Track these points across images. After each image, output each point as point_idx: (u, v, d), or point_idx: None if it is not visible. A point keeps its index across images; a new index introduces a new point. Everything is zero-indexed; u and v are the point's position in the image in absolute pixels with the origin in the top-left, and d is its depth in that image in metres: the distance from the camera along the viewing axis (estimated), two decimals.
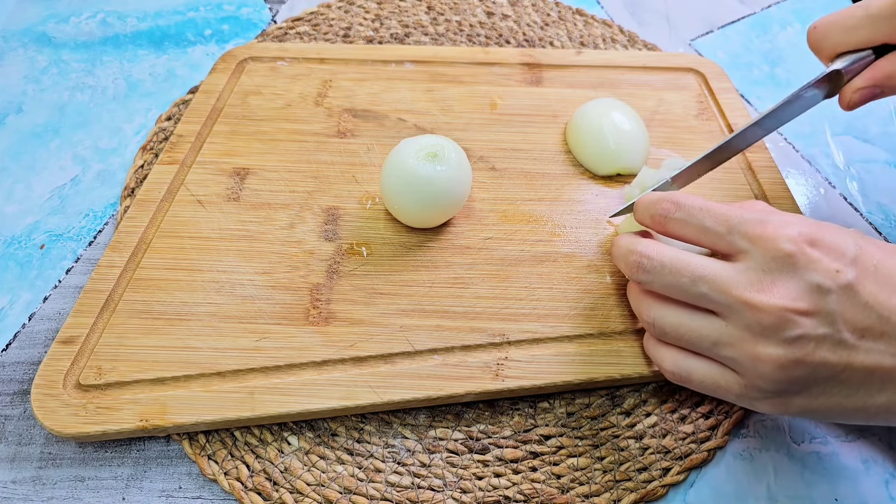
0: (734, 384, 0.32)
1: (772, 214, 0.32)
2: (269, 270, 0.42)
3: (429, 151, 0.41)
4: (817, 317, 0.29)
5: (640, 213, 0.36)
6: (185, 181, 0.47)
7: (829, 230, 0.31)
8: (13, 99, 0.55)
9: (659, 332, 0.35)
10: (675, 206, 0.34)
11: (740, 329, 0.31)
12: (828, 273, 0.30)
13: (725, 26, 0.64)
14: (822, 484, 0.37)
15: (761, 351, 0.30)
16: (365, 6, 0.63)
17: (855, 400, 0.31)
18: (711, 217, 0.33)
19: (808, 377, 0.30)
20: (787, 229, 0.31)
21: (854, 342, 0.30)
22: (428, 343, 0.39)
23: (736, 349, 0.31)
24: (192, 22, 0.62)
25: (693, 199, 0.34)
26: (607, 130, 0.47)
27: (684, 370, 0.34)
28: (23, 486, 0.36)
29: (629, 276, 0.35)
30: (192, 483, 0.37)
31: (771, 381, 0.30)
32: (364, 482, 0.36)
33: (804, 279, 0.30)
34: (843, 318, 0.29)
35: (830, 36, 0.39)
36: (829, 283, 0.29)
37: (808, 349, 0.30)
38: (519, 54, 0.56)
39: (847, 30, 0.39)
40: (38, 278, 0.45)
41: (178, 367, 0.38)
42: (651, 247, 0.34)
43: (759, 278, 0.30)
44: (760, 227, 0.31)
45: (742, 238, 0.31)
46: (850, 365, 0.30)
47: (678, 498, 0.37)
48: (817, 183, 0.51)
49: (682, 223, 0.34)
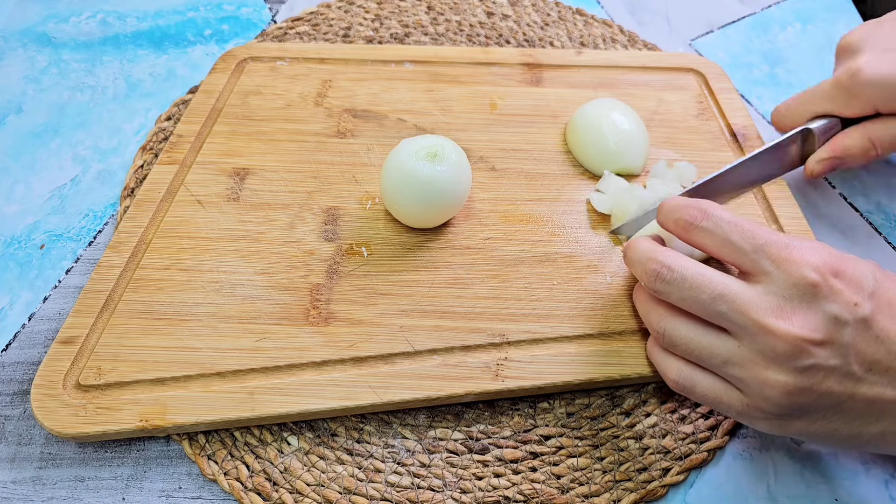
0: (736, 402, 0.32)
1: (797, 239, 0.32)
2: (269, 270, 0.42)
3: (429, 151, 0.41)
4: (831, 348, 0.30)
5: (664, 216, 0.35)
6: (184, 181, 0.47)
7: (852, 261, 0.31)
8: (13, 99, 0.55)
9: (668, 343, 0.34)
10: (703, 215, 0.33)
11: (752, 352, 0.31)
12: (847, 305, 0.30)
13: (725, 26, 0.64)
14: (822, 484, 0.37)
15: (770, 376, 0.30)
16: (365, 6, 0.63)
17: (851, 427, 0.31)
18: (738, 232, 0.32)
19: (812, 404, 0.31)
20: (812, 256, 0.30)
21: (861, 374, 0.30)
22: (428, 343, 0.39)
23: (745, 370, 0.31)
24: (192, 22, 0.62)
25: (722, 211, 0.33)
26: (607, 130, 0.47)
27: (688, 381, 0.34)
28: (23, 486, 0.36)
29: (645, 284, 0.34)
30: (192, 483, 0.37)
31: (775, 404, 0.31)
32: (364, 482, 0.36)
33: (824, 310, 0.30)
34: (855, 350, 0.30)
35: (791, 112, 0.47)
36: (846, 315, 0.30)
37: (817, 378, 0.30)
38: (519, 54, 0.56)
39: (802, 105, 0.46)
40: (38, 278, 0.45)
41: (178, 367, 0.38)
42: (672, 257, 0.33)
43: (779, 304, 0.30)
44: (786, 250, 0.31)
45: (766, 259, 0.31)
46: (853, 396, 0.30)
47: (678, 498, 0.37)
48: (817, 183, 0.51)
49: (707, 233, 0.33)
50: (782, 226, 0.45)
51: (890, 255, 0.47)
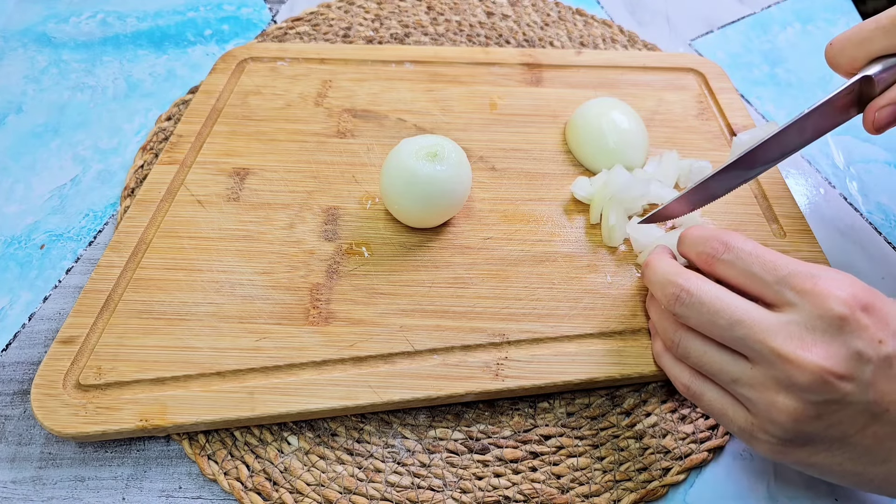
0: (741, 419, 0.32)
1: (822, 269, 0.31)
2: (269, 270, 0.42)
3: (429, 151, 0.41)
4: (851, 383, 0.29)
5: (686, 248, 0.35)
6: (184, 181, 0.47)
7: (880, 298, 0.31)
8: (13, 99, 0.55)
9: (681, 355, 0.34)
10: (725, 248, 0.33)
11: (766, 377, 0.30)
12: (871, 342, 0.29)
13: (725, 26, 0.64)
14: (821, 484, 0.37)
15: (781, 400, 0.30)
16: (365, 6, 0.63)
17: (856, 465, 0.31)
18: (760, 264, 0.32)
19: (819, 434, 0.30)
20: (839, 290, 0.30)
21: (877, 413, 0.29)
22: (428, 343, 0.39)
23: (755, 392, 0.31)
24: (192, 22, 0.62)
25: (744, 242, 0.33)
26: (607, 130, 0.47)
27: (698, 390, 0.34)
28: (23, 486, 0.36)
29: (665, 306, 0.34)
30: (192, 483, 0.37)
31: (781, 428, 0.30)
32: (364, 482, 0.36)
33: (848, 344, 0.29)
34: (874, 388, 0.29)
35: (846, 51, 0.40)
36: (870, 352, 0.29)
37: (830, 410, 0.29)
38: (519, 54, 0.56)
39: (861, 42, 0.39)
40: (38, 278, 0.45)
41: (178, 367, 0.38)
42: (692, 281, 0.33)
43: (800, 334, 0.30)
44: (811, 282, 0.30)
45: (790, 290, 0.31)
46: (862, 432, 0.30)
47: (678, 498, 0.37)
48: (817, 183, 0.51)
49: (729, 265, 0.33)
50: (782, 226, 0.45)
51: (890, 255, 0.47)
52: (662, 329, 0.35)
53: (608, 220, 0.43)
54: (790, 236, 0.45)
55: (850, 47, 0.40)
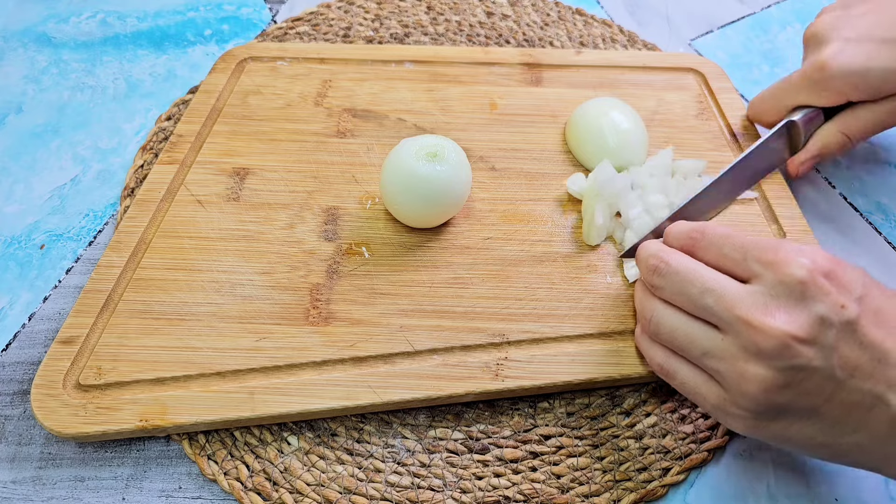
0: (714, 395, 0.33)
1: (786, 242, 0.32)
2: (269, 270, 0.42)
3: (428, 151, 0.41)
4: (815, 348, 0.30)
5: (671, 241, 0.37)
6: (184, 181, 0.47)
7: (842, 265, 0.31)
8: (13, 99, 0.55)
9: (653, 331, 0.35)
10: (701, 235, 0.35)
11: (734, 346, 0.31)
12: (834, 307, 0.30)
13: (725, 26, 0.64)
14: (822, 484, 0.37)
15: (750, 370, 0.30)
16: (365, 6, 0.63)
17: (827, 436, 0.31)
18: (730, 244, 0.34)
19: (789, 404, 0.31)
20: (800, 257, 0.31)
21: (842, 378, 0.30)
22: (428, 343, 0.39)
23: (725, 363, 0.31)
24: (192, 22, 0.62)
25: (717, 228, 0.35)
26: (607, 129, 0.47)
27: (671, 368, 0.35)
28: (23, 486, 0.36)
29: (644, 279, 0.36)
30: (192, 483, 0.37)
31: (752, 400, 0.31)
32: (364, 482, 0.36)
33: (810, 309, 0.30)
34: (838, 353, 0.30)
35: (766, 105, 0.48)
36: (833, 316, 0.30)
37: (798, 377, 0.30)
38: (519, 54, 0.56)
39: (779, 98, 0.47)
40: (38, 278, 0.45)
41: (178, 367, 0.38)
42: (672, 254, 0.35)
43: (764, 301, 0.31)
44: (773, 252, 0.32)
45: (756, 262, 0.32)
46: (831, 399, 0.30)
47: (678, 498, 0.37)
48: (817, 182, 0.51)
49: (705, 250, 0.35)
50: (782, 226, 0.45)
51: (890, 255, 0.47)
52: (641, 309, 0.37)
53: (594, 218, 0.43)
54: (790, 237, 0.45)
55: (770, 101, 0.48)
